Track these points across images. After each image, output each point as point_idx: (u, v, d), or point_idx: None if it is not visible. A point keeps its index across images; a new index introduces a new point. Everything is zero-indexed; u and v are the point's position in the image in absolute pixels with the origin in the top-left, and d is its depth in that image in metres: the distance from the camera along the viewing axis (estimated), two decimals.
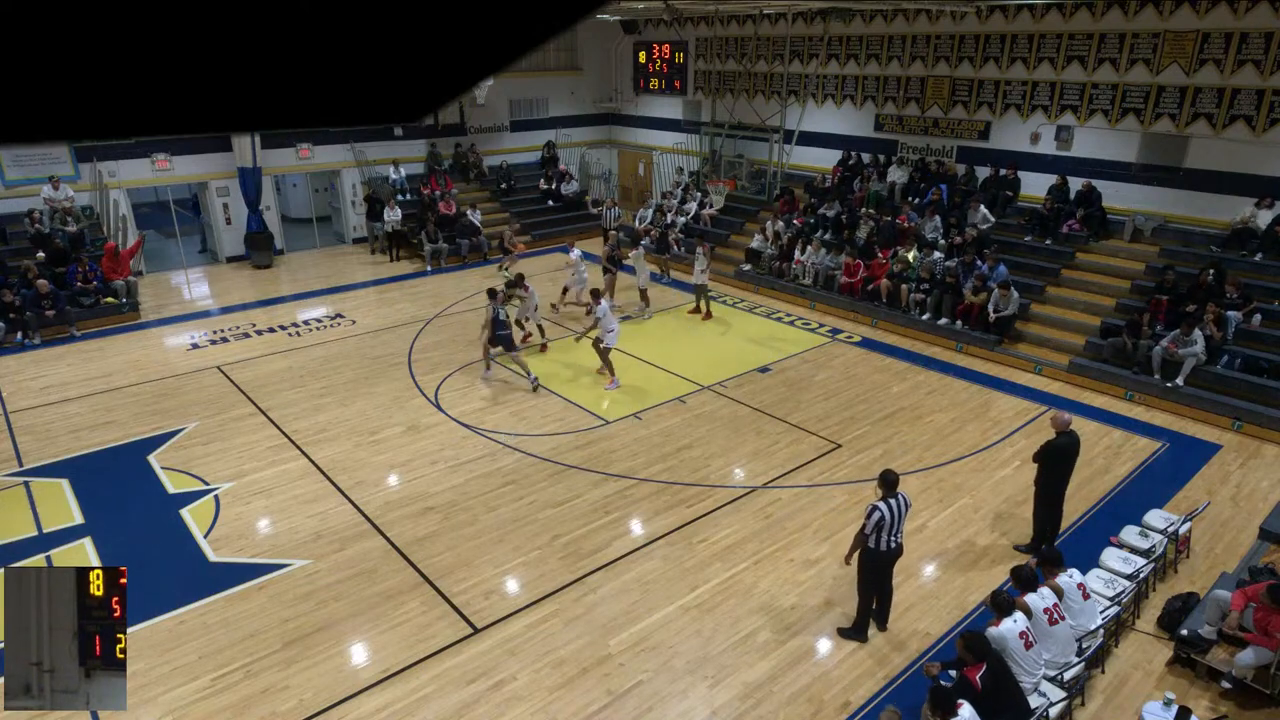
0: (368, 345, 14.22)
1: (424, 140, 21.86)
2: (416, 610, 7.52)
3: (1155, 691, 6.44)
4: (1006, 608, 6.24)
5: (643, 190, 24.44)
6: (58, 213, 16.44)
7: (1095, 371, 12.58)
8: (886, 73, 18.03)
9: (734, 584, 7.89)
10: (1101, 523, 8.83)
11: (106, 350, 14.09)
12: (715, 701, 6.49)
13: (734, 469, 10.10)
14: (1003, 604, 6.28)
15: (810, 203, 18.36)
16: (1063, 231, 14.84)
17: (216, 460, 10.18)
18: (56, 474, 9.88)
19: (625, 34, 23.79)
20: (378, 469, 10.02)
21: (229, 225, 19.43)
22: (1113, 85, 14.51)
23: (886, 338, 14.72)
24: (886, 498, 6.77)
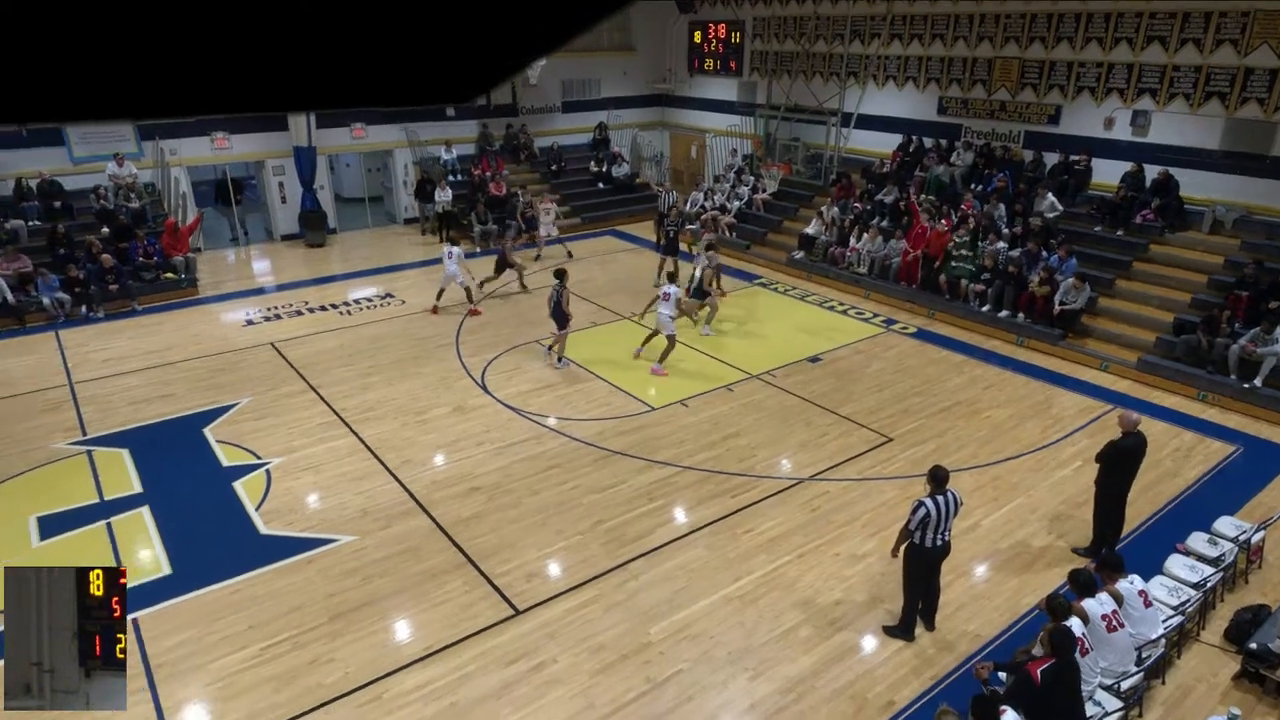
0: (416, 325, 14.47)
1: (476, 121, 22.05)
2: (459, 590, 7.68)
3: (1219, 706, 6.23)
4: (1063, 612, 6.08)
5: (694, 174, 24.28)
6: (121, 189, 17.05)
7: (1166, 370, 12.14)
8: (952, 53, 17.55)
9: (778, 576, 7.86)
10: (1167, 528, 8.54)
11: (165, 324, 14.61)
12: (756, 694, 6.49)
13: (781, 460, 10.04)
14: (1059, 608, 6.12)
15: (867, 188, 18.02)
16: (1136, 222, 14.29)
17: (268, 435, 10.50)
18: (117, 444, 10.31)
19: (680, 13, 23.58)
20: (424, 448, 10.21)
21: (284, 204, 19.92)
22: (1196, 67, 13.88)
23: (943, 329, 14.41)
24: (935, 494, 6.67)
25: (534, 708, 6.34)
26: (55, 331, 14.13)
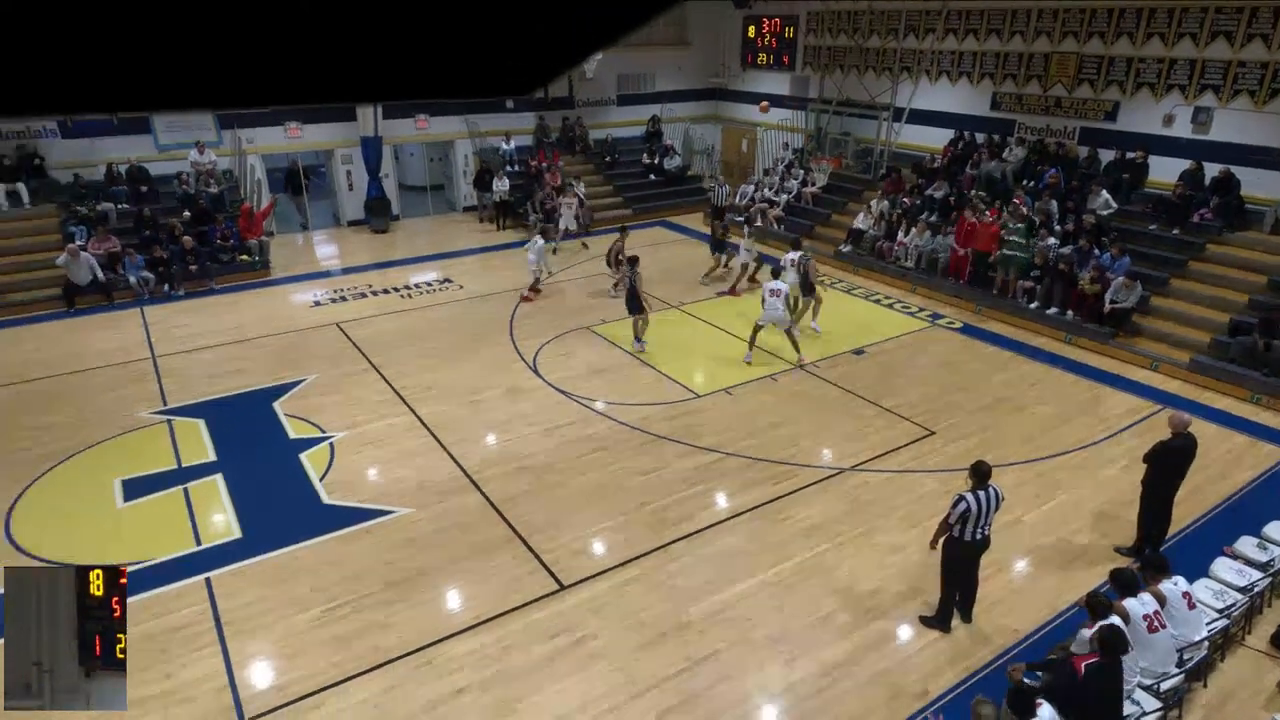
0: (473, 310, 14.67)
1: (533, 113, 22.16)
2: (508, 563, 7.80)
3: (1263, 712, 6.00)
4: (1103, 611, 5.91)
5: (745, 167, 24.04)
6: (202, 175, 17.61)
7: (1219, 371, 11.64)
8: (1008, 48, 16.99)
9: (816, 564, 7.80)
10: (1214, 531, 8.22)
11: (240, 304, 15.08)
12: (791, 677, 6.47)
13: (822, 449, 9.94)
14: (1099, 607, 5.96)
15: (917, 183, 17.62)
16: (1193, 221, 13.70)
17: (333, 411, 10.78)
18: (195, 414, 10.70)
19: (736, 8, 23.27)
20: (477, 428, 10.37)
21: (351, 191, 20.34)
22: (1262, 64, 13.19)
23: (990, 325, 14.05)
24: (976, 489, 6.53)
25: (576, 679, 6.42)
26: (140, 308, 14.70)
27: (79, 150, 17.02)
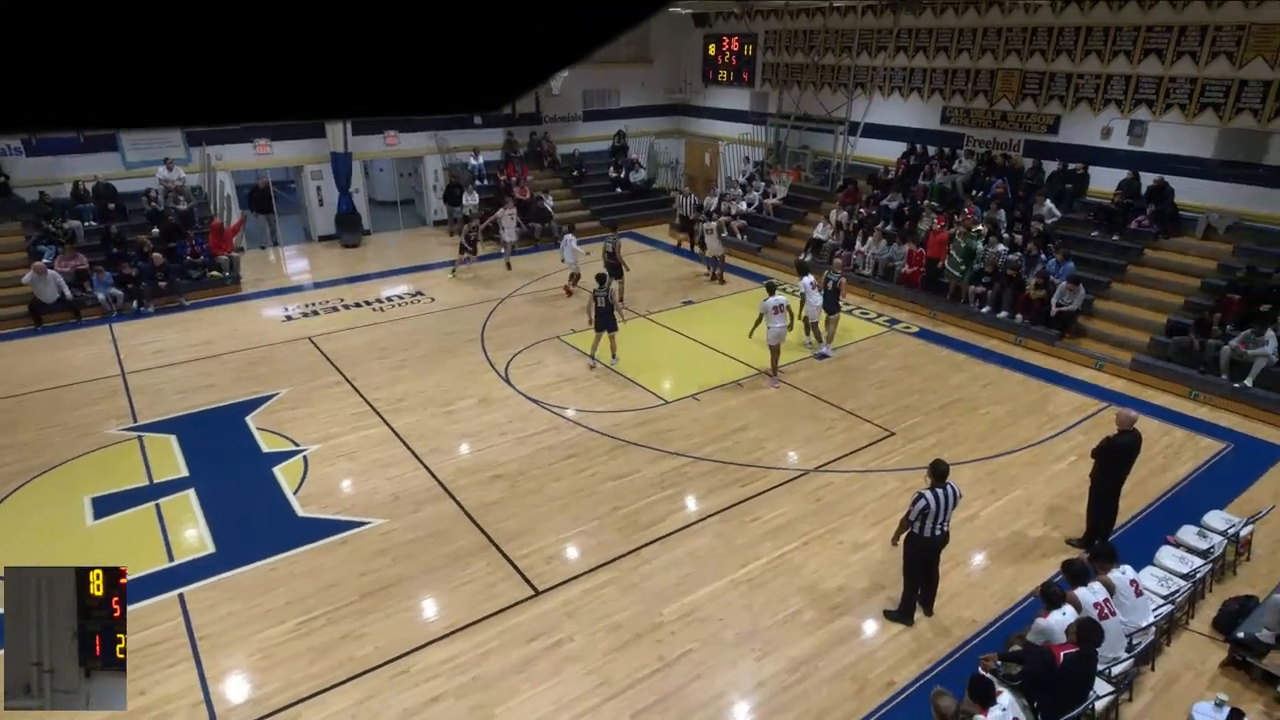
0: (444, 322, 14.54)
1: (502, 129, 22.09)
2: (483, 571, 7.72)
3: (1207, 692, 6.15)
4: (1056, 600, 6.04)
5: (709, 179, 24.21)
6: (171, 192, 17.24)
7: (1159, 370, 11.98)
8: (955, 65, 17.37)
9: (783, 563, 7.84)
10: (1158, 521, 8.43)
11: (211, 319, 14.77)
12: (762, 673, 6.49)
13: (787, 452, 10.01)
14: (1053, 596, 6.08)
15: (873, 194, 17.89)
16: (1132, 227, 14.10)
17: (306, 424, 10.59)
18: (166, 430, 10.43)
19: (696, 27, 23.50)
20: (451, 438, 10.27)
21: (321, 206, 20.06)
22: (1191, 79, 13.66)
23: (944, 329, 14.29)
24: (934, 487, 6.62)
25: (552, 683, 6.37)
26: (109, 325, 14.32)
27: (44, 168, 16.56)
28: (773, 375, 11.89)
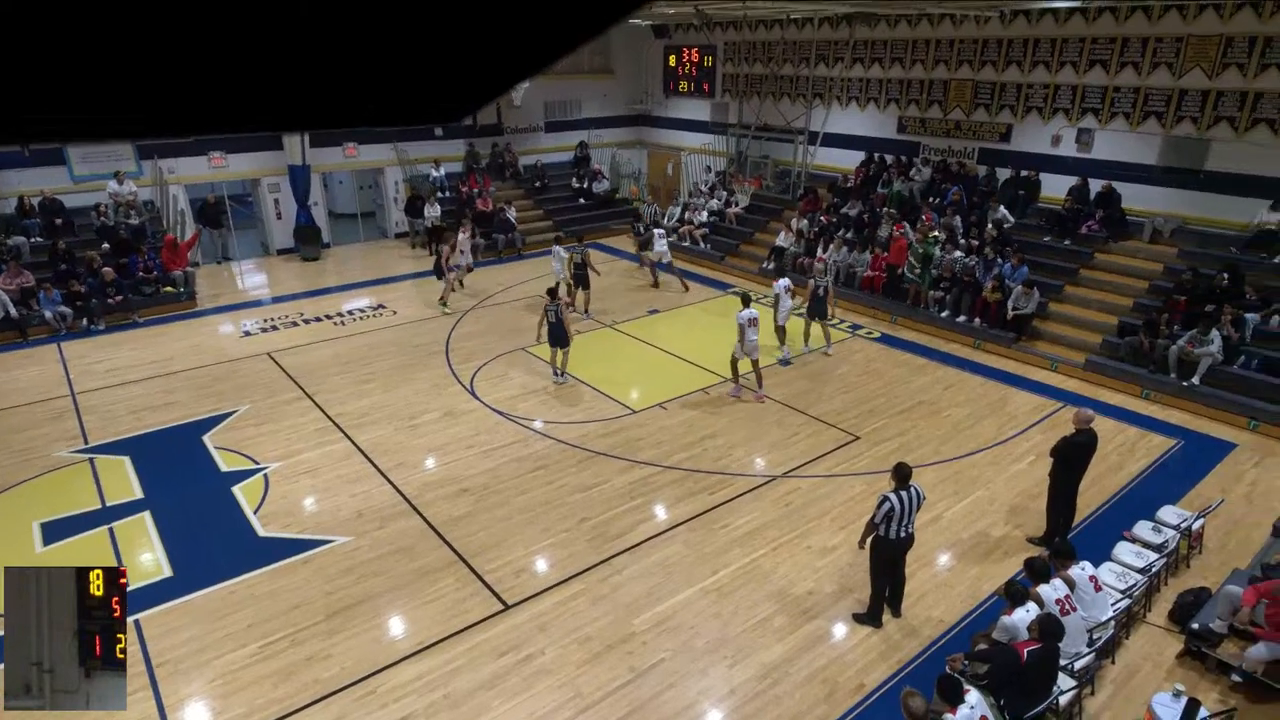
0: (408, 335, 14.37)
1: (463, 140, 21.97)
2: (451, 586, 7.61)
3: (1165, 683, 6.31)
4: (1020, 598, 6.16)
5: (671, 189, 24.36)
6: (122, 206, 16.79)
7: (1111, 370, 12.33)
8: (910, 76, 17.76)
9: (753, 569, 7.87)
10: (1115, 518, 8.66)
11: (165, 336, 14.40)
12: (734, 680, 6.49)
13: (755, 458, 10.07)
14: (1016, 594, 6.20)
15: (833, 202, 18.17)
16: (1082, 232, 14.53)
17: (266, 441, 10.36)
18: (119, 451, 10.13)
19: (656, 38, 23.68)
20: (416, 452, 10.13)
21: (279, 220, 19.71)
22: (1135, 89, 14.15)
23: (905, 334, 14.54)
24: (898, 489, 6.70)
25: (524, 697, 6.30)
26: (58, 344, 13.88)
27: None
28: (736, 384, 11.91)
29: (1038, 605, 6.14)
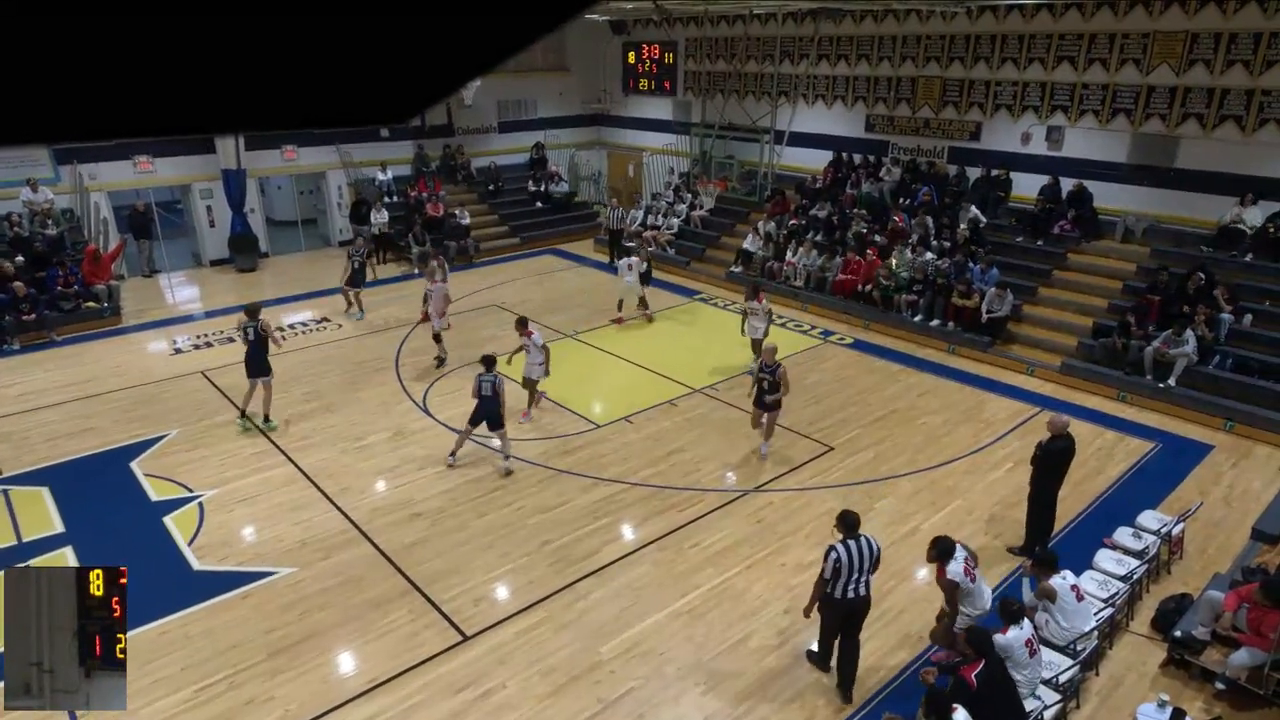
0: (353, 350, 14.16)
1: (411, 142, 21.80)
2: (404, 618, 7.49)
3: (1149, 693, 6.48)
4: (1015, 616, 6.18)
5: (633, 192, 24.45)
6: (37, 215, 16.30)
7: (1087, 372, 12.67)
8: (877, 73, 18.12)
9: (726, 589, 7.89)
10: (1094, 524, 8.88)
11: (87, 355, 13.97)
12: (708, 708, 6.49)
13: (725, 473, 10.11)
14: (1012, 613, 6.22)
15: (802, 204, 18.41)
16: (1054, 232, 14.94)
17: (200, 467, 10.11)
18: (36, 482, 9.78)
19: (614, 34, 23.80)
20: (364, 475, 9.97)
21: (212, 228, 19.31)
22: (1103, 86, 14.63)
23: (878, 339, 14.77)
24: (846, 539, 6.26)
25: None
26: None
27: None
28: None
29: (1031, 624, 6.18)
